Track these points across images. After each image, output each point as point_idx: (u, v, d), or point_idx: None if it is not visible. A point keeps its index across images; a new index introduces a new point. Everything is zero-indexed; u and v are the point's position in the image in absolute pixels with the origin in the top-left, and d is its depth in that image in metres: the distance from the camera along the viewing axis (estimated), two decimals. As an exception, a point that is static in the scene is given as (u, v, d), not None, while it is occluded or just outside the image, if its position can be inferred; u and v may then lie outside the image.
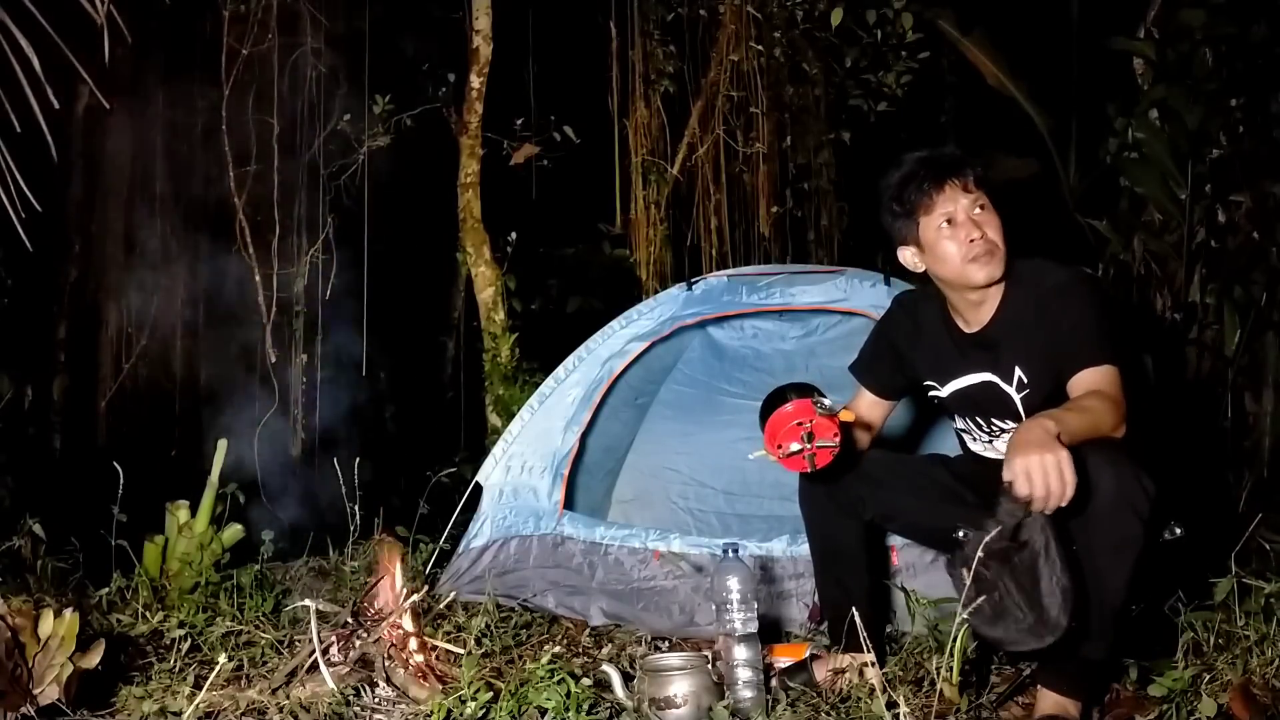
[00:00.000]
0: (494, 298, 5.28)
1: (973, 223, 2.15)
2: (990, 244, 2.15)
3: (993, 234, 2.15)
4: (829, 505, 2.39)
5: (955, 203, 2.16)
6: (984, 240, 2.14)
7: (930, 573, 2.77)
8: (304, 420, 5.70)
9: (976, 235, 2.14)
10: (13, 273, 5.99)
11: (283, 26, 5.36)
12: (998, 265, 2.16)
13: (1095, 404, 2.00)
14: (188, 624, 2.82)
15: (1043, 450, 1.80)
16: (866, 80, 6.28)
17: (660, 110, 6.18)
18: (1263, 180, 4.85)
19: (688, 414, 4.00)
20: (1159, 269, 5.17)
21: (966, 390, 2.31)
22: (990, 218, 2.17)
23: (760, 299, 3.57)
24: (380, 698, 2.22)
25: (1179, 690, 2.06)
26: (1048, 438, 1.82)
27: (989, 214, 2.17)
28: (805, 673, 2.37)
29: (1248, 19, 4.78)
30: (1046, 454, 1.79)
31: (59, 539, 3.42)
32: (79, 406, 6.45)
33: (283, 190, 5.50)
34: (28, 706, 2.04)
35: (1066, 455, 1.80)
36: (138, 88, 5.69)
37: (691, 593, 3.05)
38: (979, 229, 2.15)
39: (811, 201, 6.70)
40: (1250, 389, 4.91)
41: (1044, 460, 1.79)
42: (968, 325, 2.29)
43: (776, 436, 2.13)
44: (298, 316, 5.85)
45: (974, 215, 2.16)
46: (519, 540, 3.39)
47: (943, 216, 2.17)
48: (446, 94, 5.71)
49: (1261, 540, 3.22)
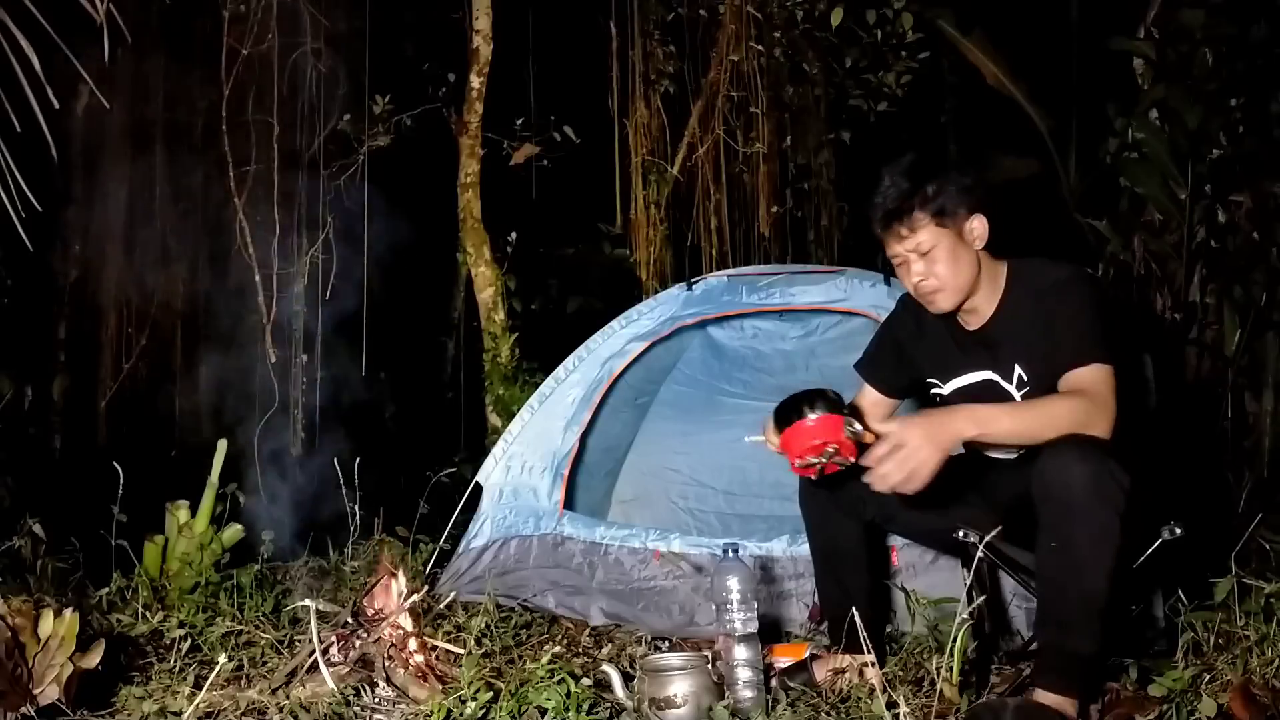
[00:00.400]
0: (494, 298, 5.28)
1: (914, 265, 2.19)
2: (935, 284, 2.19)
3: (941, 270, 2.17)
4: (830, 506, 2.39)
5: (897, 247, 2.20)
6: (927, 282, 2.19)
7: (930, 573, 2.78)
8: (304, 420, 5.70)
9: (918, 279, 2.20)
10: (13, 273, 5.99)
11: (283, 26, 5.35)
12: (948, 298, 2.20)
13: (1063, 404, 2.03)
14: (188, 624, 2.82)
15: (911, 444, 1.94)
16: (866, 80, 6.28)
17: (660, 110, 6.18)
18: (1263, 180, 4.85)
19: (688, 414, 4.00)
20: (1159, 269, 5.17)
21: (968, 388, 2.32)
22: (937, 255, 2.17)
23: (760, 299, 3.57)
24: (380, 698, 2.22)
25: (1179, 690, 2.06)
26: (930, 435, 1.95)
27: (935, 252, 2.17)
28: (805, 673, 2.37)
29: (1248, 19, 4.79)
30: (909, 448, 1.94)
31: (59, 539, 3.43)
32: (79, 406, 6.45)
33: (283, 190, 5.50)
34: (28, 706, 2.04)
35: (929, 456, 1.94)
36: (138, 88, 5.69)
37: (691, 593, 3.05)
38: (922, 271, 2.19)
39: (811, 201, 6.70)
40: (1250, 389, 4.91)
41: (904, 454, 1.94)
42: (968, 324, 2.30)
43: (796, 447, 2.15)
44: (298, 316, 5.85)
45: (913, 261, 2.19)
46: (519, 540, 3.39)
47: (892, 254, 2.23)
48: (446, 94, 5.71)
49: (1261, 540, 3.22)
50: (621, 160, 6.15)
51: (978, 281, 2.23)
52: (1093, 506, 1.91)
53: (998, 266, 2.26)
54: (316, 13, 5.46)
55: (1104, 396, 2.04)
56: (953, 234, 2.18)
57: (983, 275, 2.23)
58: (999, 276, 2.26)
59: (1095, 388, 2.04)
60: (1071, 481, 1.92)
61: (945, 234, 2.17)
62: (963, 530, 2.23)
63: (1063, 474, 1.93)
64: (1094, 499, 1.91)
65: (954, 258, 2.18)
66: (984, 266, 2.23)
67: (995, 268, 2.26)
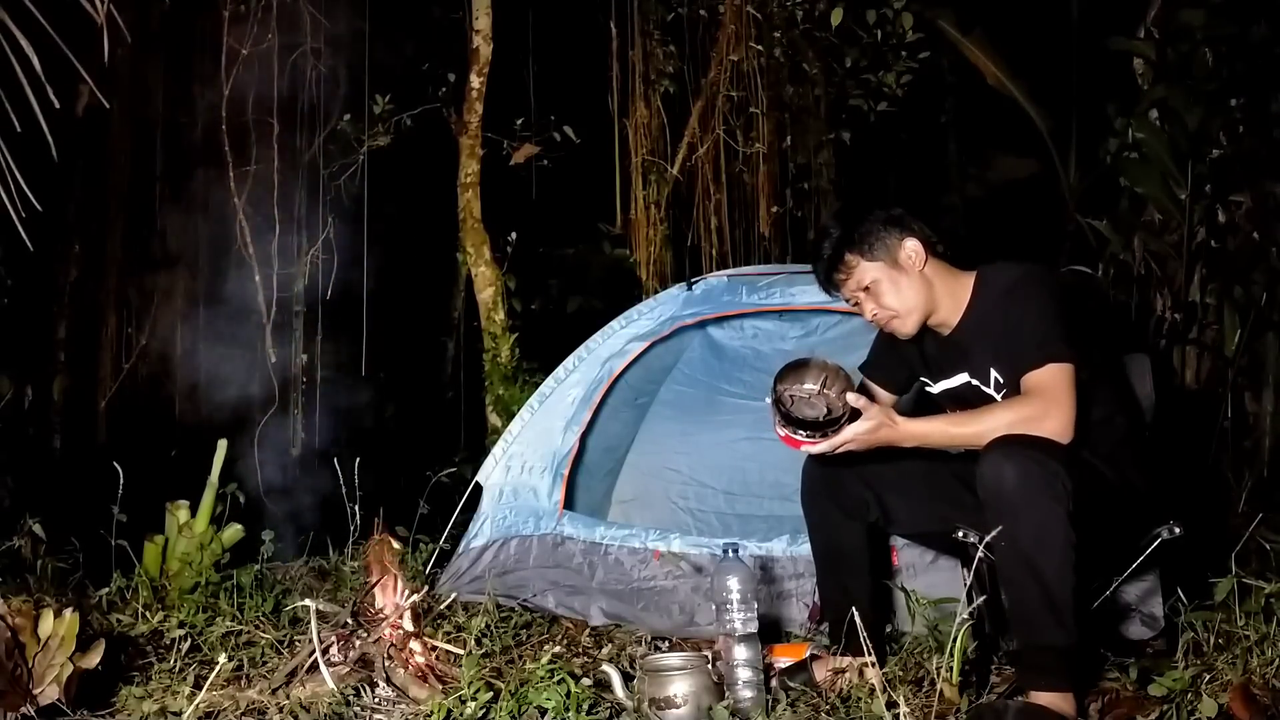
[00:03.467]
0: (494, 298, 5.28)
1: (865, 304, 2.31)
2: (888, 314, 2.29)
3: (888, 301, 2.28)
4: (832, 508, 2.41)
5: (844, 290, 2.33)
6: (880, 314, 2.30)
7: (930, 573, 2.78)
8: (304, 420, 5.70)
9: (872, 314, 2.32)
10: (13, 273, 5.99)
11: (283, 26, 5.35)
12: (905, 323, 2.29)
13: (1004, 412, 2.10)
14: (188, 624, 2.82)
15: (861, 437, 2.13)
16: (866, 80, 6.28)
17: (660, 110, 6.18)
18: (1263, 180, 4.85)
19: (688, 414, 4.00)
20: (1159, 269, 5.17)
21: (953, 390, 2.37)
22: (880, 289, 2.27)
23: (760, 299, 3.57)
24: (380, 698, 2.22)
25: (1179, 690, 2.06)
26: (872, 441, 2.12)
27: (877, 286, 2.27)
28: (805, 673, 2.37)
29: (1248, 19, 4.79)
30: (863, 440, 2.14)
31: (59, 539, 3.42)
32: (79, 406, 6.44)
33: (283, 190, 5.50)
34: (28, 706, 2.04)
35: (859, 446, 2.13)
36: (138, 87, 5.69)
37: (691, 593, 3.05)
38: (873, 306, 2.30)
39: (811, 201, 6.69)
40: (1250, 389, 4.91)
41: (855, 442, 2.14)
42: (942, 329, 2.35)
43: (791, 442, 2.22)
44: (298, 316, 5.85)
45: (863, 299, 2.31)
46: (519, 540, 3.39)
47: (845, 299, 2.37)
48: (446, 94, 5.70)
49: (1261, 540, 3.22)
50: (621, 160, 6.15)
51: (935, 297, 2.29)
52: (1029, 501, 1.95)
53: (961, 277, 2.32)
54: (316, 13, 5.47)
55: (1056, 394, 2.08)
56: (887, 263, 2.27)
57: (939, 290, 2.29)
58: (962, 287, 2.31)
59: (1048, 387, 2.09)
60: (1003, 479, 1.97)
61: (879, 266, 2.27)
62: (963, 530, 2.24)
63: (994, 473, 1.98)
64: (1028, 494, 1.95)
65: (896, 285, 2.27)
66: (939, 282, 2.29)
67: (957, 279, 2.31)
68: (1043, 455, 1.98)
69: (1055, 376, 2.09)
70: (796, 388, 2.20)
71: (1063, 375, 2.09)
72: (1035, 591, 1.97)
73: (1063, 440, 2.05)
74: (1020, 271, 2.25)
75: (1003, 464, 1.98)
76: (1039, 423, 2.05)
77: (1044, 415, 2.06)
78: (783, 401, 2.18)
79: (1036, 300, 2.18)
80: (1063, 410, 2.06)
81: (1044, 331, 2.13)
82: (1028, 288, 2.21)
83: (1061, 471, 1.95)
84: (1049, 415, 2.05)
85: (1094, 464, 2.13)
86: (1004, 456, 1.99)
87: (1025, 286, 2.21)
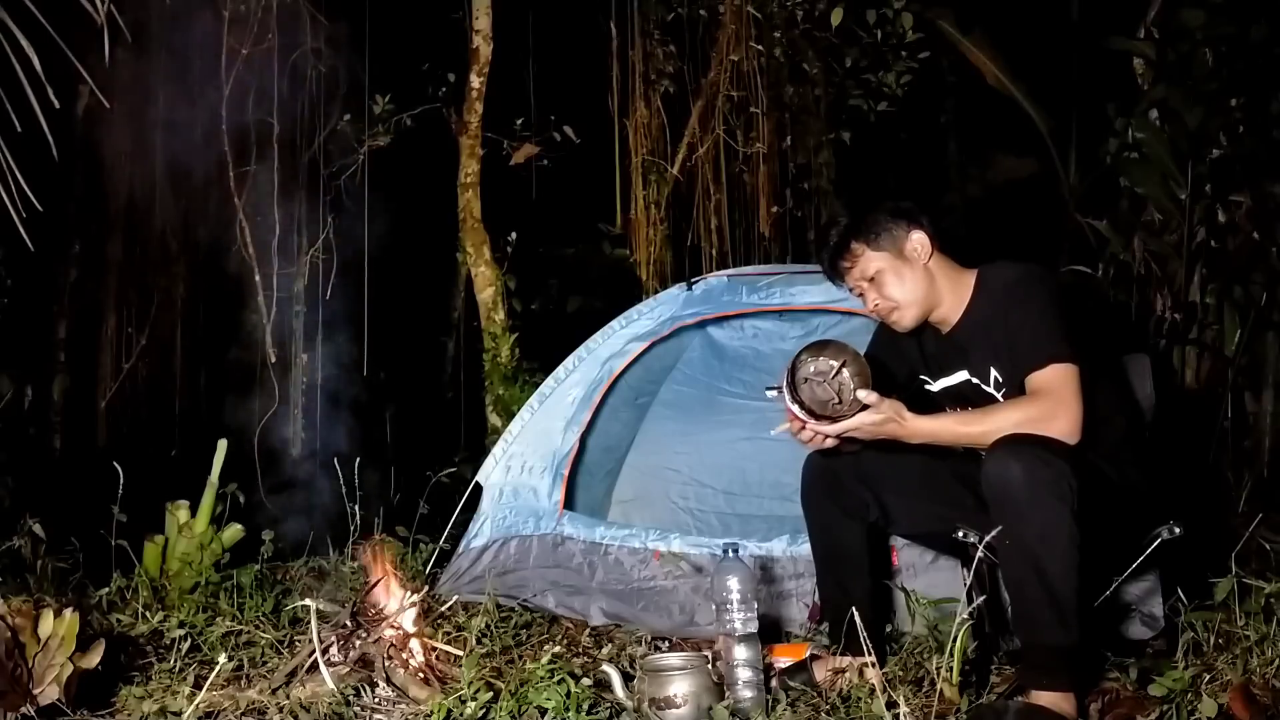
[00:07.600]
0: (494, 298, 5.28)
1: (868, 293, 2.33)
2: (889, 305, 2.31)
3: (890, 292, 2.30)
4: (832, 508, 2.40)
5: (848, 280, 2.37)
6: (881, 304, 2.32)
7: (930, 573, 2.77)
8: (304, 420, 5.70)
9: (873, 304, 2.34)
10: (13, 273, 5.99)
11: (283, 26, 5.35)
12: (905, 315, 2.31)
13: (1009, 411, 2.11)
14: (188, 624, 2.82)
15: (868, 428, 2.14)
16: (866, 80, 6.28)
17: (660, 110, 6.18)
18: (1263, 180, 4.84)
19: (688, 414, 4.00)
20: (1159, 269, 5.16)
21: (953, 389, 2.38)
22: (883, 279, 2.29)
23: (760, 299, 3.57)
24: (380, 698, 2.22)
25: (1179, 690, 2.06)
26: (878, 432, 2.13)
27: (881, 276, 2.29)
28: (805, 673, 2.37)
29: (1248, 19, 4.78)
30: (870, 430, 2.14)
31: (59, 539, 3.42)
32: (79, 406, 6.44)
33: (283, 190, 5.50)
34: (28, 706, 2.04)
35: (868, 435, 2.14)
36: (138, 88, 5.69)
37: (691, 593, 3.05)
38: (874, 296, 2.32)
39: (811, 201, 6.69)
40: (1250, 389, 4.91)
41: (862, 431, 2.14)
42: (943, 326, 2.35)
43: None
44: (298, 316, 5.85)
45: (865, 289, 2.33)
46: (519, 540, 3.39)
47: (849, 289, 2.40)
48: (446, 94, 5.71)
49: (1261, 540, 3.22)
50: (621, 160, 6.14)
51: (937, 292, 2.30)
52: (1035, 500, 1.95)
53: (963, 275, 2.32)
54: (316, 13, 5.47)
55: (1063, 395, 2.08)
56: (893, 254, 2.28)
57: (942, 285, 2.30)
58: (964, 284, 2.31)
59: (1055, 388, 2.09)
60: (1009, 479, 1.96)
61: (884, 256, 2.29)
62: (963, 530, 2.24)
63: (1000, 472, 1.98)
64: (1034, 493, 1.94)
65: (900, 277, 2.28)
66: (942, 276, 2.30)
67: (959, 276, 2.32)
68: (1049, 455, 1.98)
69: (1061, 377, 2.09)
70: (814, 364, 2.20)
71: (1068, 375, 2.09)
72: (1039, 591, 1.97)
73: (1070, 441, 2.05)
74: (1020, 271, 2.26)
75: (1009, 463, 1.97)
76: (1047, 423, 2.05)
77: (1052, 416, 2.06)
78: (796, 375, 2.18)
79: (1037, 300, 2.18)
80: (1071, 411, 2.06)
81: (1045, 331, 2.14)
82: (1028, 288, 2.21)
83: (1067, 471, 1.95)
84: (1057, 416, 2.06)
85: (1097, 464, 2.13)
86: (1010, 455, 1.98)
87: (1025, 286, 2.21)
